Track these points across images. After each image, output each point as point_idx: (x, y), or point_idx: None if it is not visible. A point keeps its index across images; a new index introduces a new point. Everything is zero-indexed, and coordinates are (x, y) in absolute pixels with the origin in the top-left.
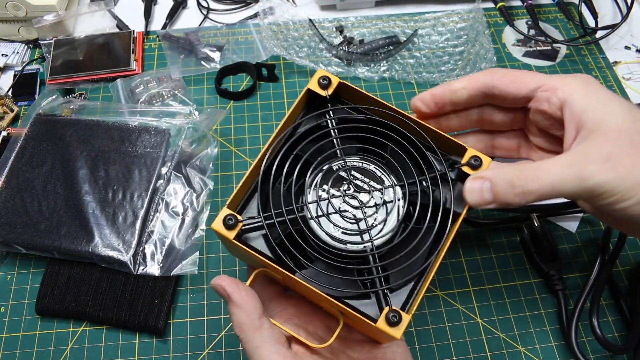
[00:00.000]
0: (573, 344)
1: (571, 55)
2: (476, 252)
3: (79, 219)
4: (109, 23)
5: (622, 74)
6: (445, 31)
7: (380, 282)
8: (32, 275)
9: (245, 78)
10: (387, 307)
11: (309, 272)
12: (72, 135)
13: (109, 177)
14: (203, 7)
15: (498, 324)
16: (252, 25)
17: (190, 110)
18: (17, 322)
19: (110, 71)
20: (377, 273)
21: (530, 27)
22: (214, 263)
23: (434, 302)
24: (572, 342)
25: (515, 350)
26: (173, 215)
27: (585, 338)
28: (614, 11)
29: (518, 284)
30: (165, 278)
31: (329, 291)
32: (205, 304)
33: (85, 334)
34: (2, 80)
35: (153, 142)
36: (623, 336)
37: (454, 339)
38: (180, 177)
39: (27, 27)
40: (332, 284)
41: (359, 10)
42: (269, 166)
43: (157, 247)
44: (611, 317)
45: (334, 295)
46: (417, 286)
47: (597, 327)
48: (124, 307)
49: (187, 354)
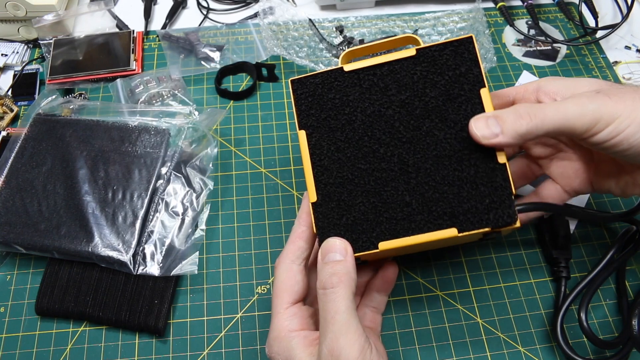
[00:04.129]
0: (557, 328)
1: (571, 55)
2: (476, 252)
3: (78, 219)
4: (108, 23)
5: (623, 74)
6: (445, 31)
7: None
8: (31, 275)
9: (245, 78)
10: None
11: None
12: (72, 135)
13: (108, 177)
14: (203, 7)
15: (498, 324)
16: (252, 25)
17: (190, 110)
18: (16, 322)
19: (110, 71)
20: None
21: (530, 27)
22: (214, 263)
23: (434, 302)
24: (557, 326)
25: (515, 350)
26: (173, 215)
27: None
28: (614, 11)
29: (518, 284)
30: (165, 278)
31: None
32: (205, 304)
33: (85, 334)
34: (2, 80)
35: (153, 142)
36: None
37: (454, 339)
38: (180, 177)
39: (27, 27)
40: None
41: (359, 10)
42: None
43: (157, 247)
44: (611, 317)
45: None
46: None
47: (584, 320)
48: (124, 307)
49: (187, 354)
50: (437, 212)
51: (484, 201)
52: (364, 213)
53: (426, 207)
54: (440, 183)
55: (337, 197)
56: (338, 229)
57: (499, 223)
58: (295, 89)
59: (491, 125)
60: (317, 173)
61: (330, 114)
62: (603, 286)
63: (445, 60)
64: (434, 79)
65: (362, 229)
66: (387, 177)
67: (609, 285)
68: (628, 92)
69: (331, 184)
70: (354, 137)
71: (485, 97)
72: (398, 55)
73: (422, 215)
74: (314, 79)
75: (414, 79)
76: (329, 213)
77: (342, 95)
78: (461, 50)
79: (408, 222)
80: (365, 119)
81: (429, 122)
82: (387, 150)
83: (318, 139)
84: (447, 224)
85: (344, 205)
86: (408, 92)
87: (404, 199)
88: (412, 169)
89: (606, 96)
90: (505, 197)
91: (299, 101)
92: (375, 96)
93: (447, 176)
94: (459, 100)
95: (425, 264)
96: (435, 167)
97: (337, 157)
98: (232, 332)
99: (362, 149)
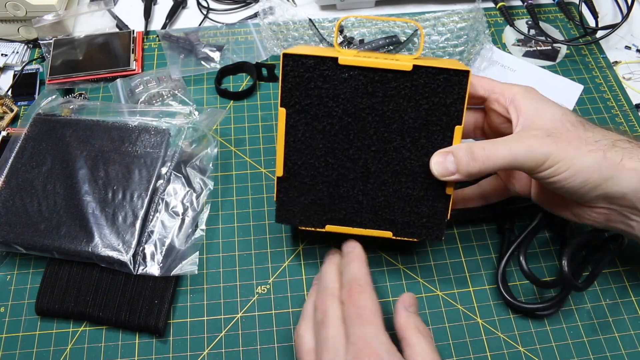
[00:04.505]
0: (498, 276)
1: (571, 55)
2: (476, 252)
3: (78, 219)
4: (108, 23)
5: (623, 74)
6: (445, 31)
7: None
8: (31, 275)
9: (245, 78)
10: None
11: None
12: (71, 135)
13: (108, 177)
14: (203, 7)
15: (498, 324)
16: (252, 25)
17: (190, 110)
18: (16, 322)
19: (110, 71)
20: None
21: (530, 27)
22: (214, 263)
23: (434, 302)
24: (498, 274)
25: (515, 350)
26: (173, 215)
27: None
28: (614, 11)
29: (518, 284)
30: (165, 278)
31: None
32: (205, 304)
33: (85, 334)
34: (2, 80)
35: (153, 142)
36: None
37: (454, 339)
38: (180, 177)
39: (27, 26)
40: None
41: (359, 10)
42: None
43: (157, 247)
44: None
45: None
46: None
47: (523, 263)
48: (124, 307)
49: (187, 354)
50: (381, 216)
51: (421, 220)
52: (321, 198)
53: (374, 209)
54: (391, 195)
55: (300, 178)
56: (296, 205)
57: (427, 238)
58: (286, 65)
59: (448, 165)
60: (288, 152)
61: (313, 101)
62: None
63: (436, 86)
64: (420, 101)
65: (316, 210)
66: (348, 175)
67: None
68: (573, 139)
69: (299, 166)
70: (330, 131)
71: (457, 135)
72: (394, 65)
73: (368, 214)
74: (307, 61)
75: (401, 94)
76: (290, 189)
77: (329, 87)
78: (454, 82)
79: (355, 217)
80: (345, 117)
81: (400, 139)
82: (355, 153)
83: (296, 121)
84: (386, 227)
85: (305, 187)
86: (391, 105)
87: (357, 198)
88: (372, 176)
89: (554, 143)
90: (439, 222)
91: (286, 78)
92: (360, 99)
93: (399, 191)
94: (434, 129)
95: (426, 264)
96: (392, 180)
97: (309, 143)
98: (232, 332)
99: (334, 144)
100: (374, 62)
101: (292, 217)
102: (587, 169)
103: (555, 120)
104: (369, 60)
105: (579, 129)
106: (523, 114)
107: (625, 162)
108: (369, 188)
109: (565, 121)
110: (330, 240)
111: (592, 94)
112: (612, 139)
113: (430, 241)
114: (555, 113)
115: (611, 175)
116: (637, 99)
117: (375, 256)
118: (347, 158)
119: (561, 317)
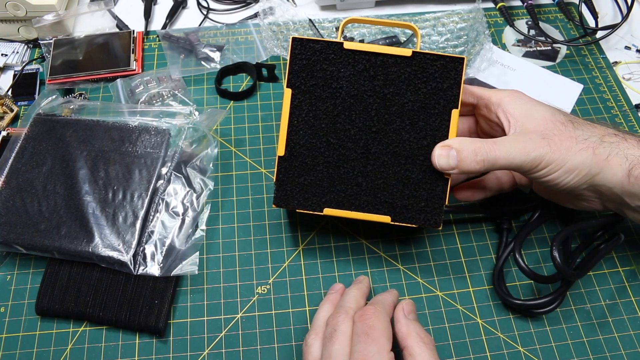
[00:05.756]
0: (495, 272)
1: (571, 56)
2: (476, 252)
3: (79, 219)
4: (108, 23)
5: (622, 74)
6: (445, 31)
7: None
8: (32, 275)
9: (245, 78)
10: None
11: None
12: (72, 135)
13: (109, 177)
14: (203, 7)
15: (498, 324)
16: (252, 25)
17: (190, 110)
18: (17, 323)
19: (110, 71)
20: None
21: (530, 27)
22: (214, 263)
23: (434, 303)
24: (496, 270)
25: (515, 350)
26: (173, 216)
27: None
28: (614, 11)
29: (518, 284)
30: (165, 278)
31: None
32: (205, 304)
33: (85, 334)
34: (2, 80)
35: (153, 142)
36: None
37: (454, 339)
38: (181, 177)
39: (27, 26)
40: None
41: (359, 10)
42: None
43: (157, 248)
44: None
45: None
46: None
47: (520, 261)
48: (124, 308)
49: (187, 354)
50: (380, 199)
51: (419, 203)
52: (320, 179)
53: (373, 192)
54: (390, 176)
55: (301, 158)
56: (295, 186)
57: (425, 224)
58: (294, 48)
59: (450, 160)
60: (290, 131)
61: (318, 83)
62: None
63: (433, 71)
64: (418, 85)
65: (315, 192)
66: (349, 156)
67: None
68: (565, 139)
69: (300, 146)
70: (332, 111)
71: (454, 118)
72: (395, 51)
73: (367, 197)
74: (315, 45)
75: (401, 78)
76: (290, 169)
77: (334, 69)
78: (450, 67)
79: (354, 199)
80: (348, 99)
81: (400, 121)
82: (356, 134)
83: (300, 102)
84: (385, 211)
85: (305, 167)
86: (392, 88)
87: (357, 179)
88: (372, 157)
89: (547, 145)
90: (438, 206)
91: (294, 60)
92: (363, 81)
93: (398, 172)
94: (432, 112)
95: (426, 264)
96: (391, 162)
97: (312, 123)
98: (232, 332)
99: (336, 124)
100: (376, 47)
101: (291, 200)
102: (577, 167)
103: (547, 120)
104: (372, 45)
105: (569, 128)
106: (514, 117)
107: (611, 158)
108: (368, 169)
109: (555, 121)
110: (331, 241)
111: (591, 94)
112: (600, 134)
113: (429, 230)
114: (544, 114)
115: (599, 170)
116: (636, 99)
117: (375, 256)
118: (349, 138)
119: (561, 317)
